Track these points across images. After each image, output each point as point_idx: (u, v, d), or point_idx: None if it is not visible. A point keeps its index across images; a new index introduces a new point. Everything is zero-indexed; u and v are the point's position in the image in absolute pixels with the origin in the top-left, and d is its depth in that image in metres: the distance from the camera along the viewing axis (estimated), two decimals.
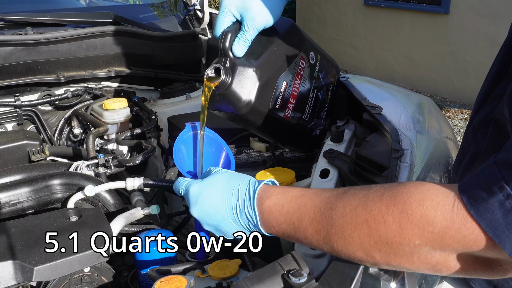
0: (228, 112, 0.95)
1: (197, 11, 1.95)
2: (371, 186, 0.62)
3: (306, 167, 1.10)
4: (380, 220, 0.57)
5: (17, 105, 1.47)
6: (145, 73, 1.71)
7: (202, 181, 0.76)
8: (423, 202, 0.55)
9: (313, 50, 1.11)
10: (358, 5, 6.33)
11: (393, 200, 0.57)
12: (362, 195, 0.61)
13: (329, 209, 0.62)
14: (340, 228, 0.60)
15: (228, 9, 0.90)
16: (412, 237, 0.55)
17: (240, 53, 0.91)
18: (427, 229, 0.54)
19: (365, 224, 0.58)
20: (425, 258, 0.57)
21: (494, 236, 0.51)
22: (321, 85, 1.14)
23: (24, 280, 0.73)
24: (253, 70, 0.92)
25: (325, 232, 0.62)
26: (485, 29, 4.86)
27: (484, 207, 0.51)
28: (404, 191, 0.57)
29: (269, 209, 0.67)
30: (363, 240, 0.58)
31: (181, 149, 0.93)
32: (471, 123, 0.89)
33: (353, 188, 0.64)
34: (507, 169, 0.51)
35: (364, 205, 0.59)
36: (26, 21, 1.59)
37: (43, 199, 1.00)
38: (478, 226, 0.52)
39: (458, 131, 4.47)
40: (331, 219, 0.61)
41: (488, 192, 0.51)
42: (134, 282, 0.93)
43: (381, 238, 0.57)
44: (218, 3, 7.65)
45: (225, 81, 0.90)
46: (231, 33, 0.90)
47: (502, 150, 0.54)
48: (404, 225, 0.55)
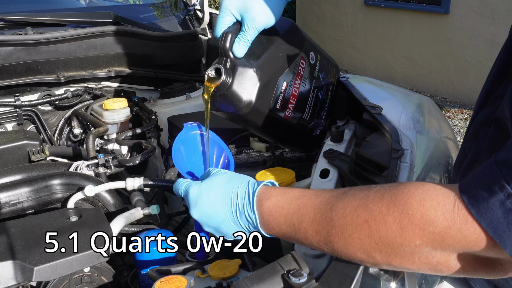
0: (228, 112, 0.95)
1: (197, 11, 1.95)
2: (371, 187, 0.62)
3: (306, 167, 1.10)
4: (380, 220, 0.57)
5: (17, 105, 1.47)
6: (145, 73, 1.71)
7: (201, 182, 0.76)
8: (424, 202, 0.55)
9: (313, 50, 1.11)
10: (358, 5, 6.33)
11: (394, 200, 0.57)
12: (362, 196, 0.60)
13: (329, 210, 0.62)
14: (340, 229, 0.60)
15: (228, 9, 0.90)
16: (412, 238, 0.55)
17: (241, 54, 0.91)
18: (428, 229, 0.54)
19: (366, 224, 0.58)
20: (426, 258, 0.57)
21: (495, 235, 0.51)
22: (321, 85, 1.14)
23: (24, 280, 0.73)
24: (253, 70, 0.92)
25: (326, 233, 0.62)
26: (485, 29, 4.86)
27: (484, 207, 0.51)
28: (404, 192, 0.57)
29: (269, 211, 0.67)
30: (364, 240, 0.58)
31: (180, 149, 0.93)
32: (472, 123, 0.89)
33: (353, 189, 0.63)
34: (507, 168, 0.51)
35: (365, 206, 0.59)
36: (26, 21, 1.59)
37: (43, 199, 1.00)
38: (479, 226, 0.52)
39: (458, 131, 4.47)
40: (331, 220, 0.61)
41: (489, 192, 0.51)
42: (134, 282, 0.93)
43: (381, 238, 0.57)
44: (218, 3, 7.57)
45: (225, 82, 0.90)
46: (232, 33, 0.90)
47: (503, 150, 0.54)
48: (404, 226, 0.55)
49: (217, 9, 1.19)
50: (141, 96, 1.71)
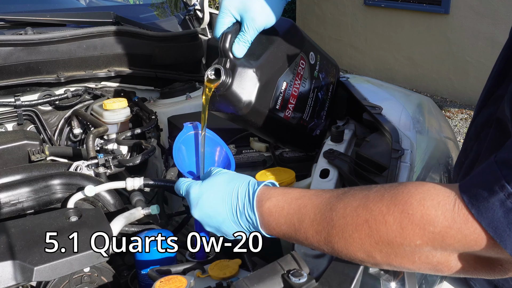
0: (228, 112, 0.95)
1: (197, 11, 1.95)
2: (372, 187, 0.62)
3: (306, 167, 1.10)
4: (380, 220, 0.57)
5: (17, 105, 1.47)
6: (145, 73, 1.71)
7: (202, 182, 0.76)
8: (424, 202, 0.55)
9: (313, 50, 1.11)
10: (358, 5, 6.33)
11: (394, 200, 0.57)
12: (363, 196, 0.60)
13: (329, 210, 0.62)
14: (340, 229, 0.60)
15: (228, 10, 0.89)
16: (413, 237, 0.55)
17: (240, 54, 0.91)
18: (428, 229, 0.54)
19: (366, 224, 0.58)
20: (426, 258, 0.57)
21: (495, 235, 0.51)
22: (321, 85, 1.14)
23: (24, 280, 0.73)
24: (253, 71, 0.92)
25: (326, 233, 0.62)
26: (485, 29, 4.86)
27: (485, 207, 0.51)
28: (404, 191, 0.57)
29: (269, 211, 0.67)
30: (364, 240, 0.58)
31: (181, 149, 0.93)
32: (473, 123, 0.89)
33: (353, 189, 0.63)
34: (507, 168, 0.51)
35: (365, 206, 0.59)
36: (26, 21, 1.59)
37: (43, 199, 1.00)
38: (479, 226, 0.52)
39: (458, 131, 4.47)
40: (332, 220, 0.61)
41: (489, 192, 0.51)
42: (134, 282, 0.93)
43: (382, 238, 0.57)
44: (218, 3, 7.61)
45: (225, 82, 0.90)
46: (231, 33, 0.90)
47: (503, 149, 0.54)
48: (405, 225, 0.55)
49: (217, 9, 1.19)
50: (141, 96, 1.71)
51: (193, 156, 0.95)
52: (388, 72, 6.07)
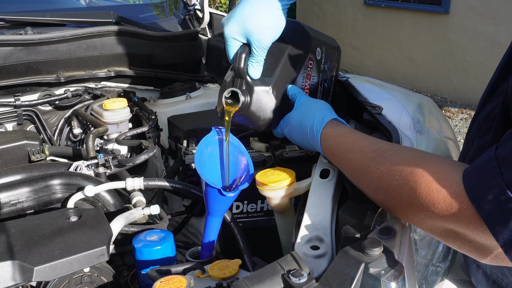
0: (248, 127, 0.97)
1: (197, 11, 1.95)
2: (407, 151, 0.75)
3: (306, 167, 1.10)
4: (398, 191, 0.69)
5: (17, 105, 1.47)
6: (145, 73, 1.71)
7: (296, 108, 0.94)
8: (431, 185, 0.64)
9: (318, 45, 1.11)
10: (358, 5, 6.34)
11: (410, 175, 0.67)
12: (398, 160, 0.72)
13: (373, 162, 0.75)
14: (378, 177, 0.73)
15: (231, 38, 0.89)
16: (417, 212, 0.67)
17: (257, 75, 0.92)
18: (430, 209, 0.64)
19: (394, 187, 0.70)
20: (432, 227, 0.68)
21: (490, 227, 0.57)
22: (327, 76, 1.16)
23: (24, 280, 0.73)
24: (269, 89, 0.93)
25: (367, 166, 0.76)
26: (485, 29, 4.86)
27: (483, 200, 0.57)
28: (419, 171, 0.66)
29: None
30: (389, 191, 0.71)
31: (204, 151, 0.93)
32: (476, 118, 0.89)
33: (393, 148, 0.76)
34: (505, 165, 0.56)
35: (393, 172, 0.71)
36: (26, 21, 1.59)
37: (43, 199, 1.00)
38: (476, 217, 0.58)
39: (458, 131, 4.47)
40: (374, 171, 0.74)
41: (487, 186, 0.57)
42: (134, 282, 0.93)
43: (400, 200, 0.69)
44: (218, 3, 7.55)
45: (244, 104, 0.91)
46: (245, 53, 0.90)
47: (503, 144, 0.59)
48: (412, 200, 0.66)
49: (217, 9, 1.19)
50: (141, 96, 1.71)
51: (214, 159, 0.95)
52: (388, 72, 6.08)
